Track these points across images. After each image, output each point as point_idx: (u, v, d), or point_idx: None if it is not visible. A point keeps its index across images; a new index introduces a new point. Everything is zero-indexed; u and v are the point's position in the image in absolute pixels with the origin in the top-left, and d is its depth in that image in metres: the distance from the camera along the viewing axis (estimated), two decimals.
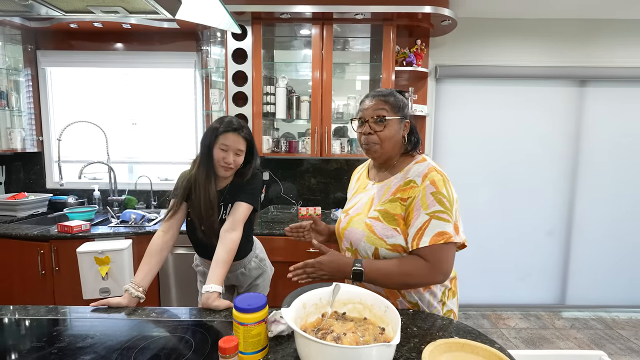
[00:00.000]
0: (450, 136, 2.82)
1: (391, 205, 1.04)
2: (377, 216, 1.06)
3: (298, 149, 2.45)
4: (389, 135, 1.06)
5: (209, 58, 2.49)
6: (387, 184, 1.10)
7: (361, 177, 1.25)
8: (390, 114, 1.06)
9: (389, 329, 0.85)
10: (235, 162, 1.33)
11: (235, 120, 1.34)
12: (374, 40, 2.53)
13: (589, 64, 2.69)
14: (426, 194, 0.99)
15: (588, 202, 2.88)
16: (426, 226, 0.98)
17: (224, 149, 1.31)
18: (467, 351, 0.86)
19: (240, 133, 1.32)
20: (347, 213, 1.17)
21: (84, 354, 0.86)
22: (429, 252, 0.97)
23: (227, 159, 1.31)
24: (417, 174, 1.03)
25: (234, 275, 1.51)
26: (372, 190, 1.13)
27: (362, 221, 1.09)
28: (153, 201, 2.69)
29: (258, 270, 1.57)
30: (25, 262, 2.08)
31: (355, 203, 1.17)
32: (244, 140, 1.34)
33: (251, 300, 0.85)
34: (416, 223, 0.99)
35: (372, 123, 1.06)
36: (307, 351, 0.75)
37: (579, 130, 2.81)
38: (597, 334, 2.60)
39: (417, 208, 0.99)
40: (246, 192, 1.38)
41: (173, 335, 0.96)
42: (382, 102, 1.06)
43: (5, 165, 2.72)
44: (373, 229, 1.05)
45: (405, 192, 1.03)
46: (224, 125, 1.31)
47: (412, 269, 0.99)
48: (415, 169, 1.05)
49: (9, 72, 2.55)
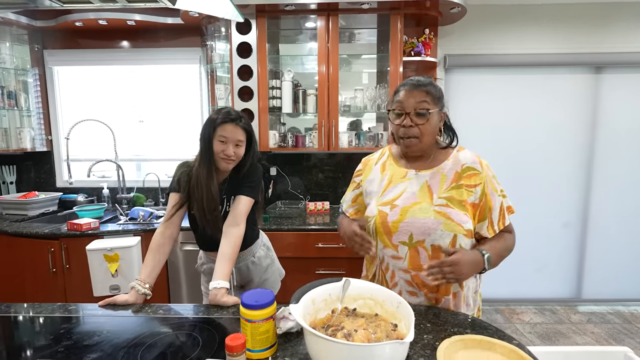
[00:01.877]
0: (460, 127, 2.67)
1: (457, 192, 1.02)
2: (446, 203, 1.02)
3: (305, 144, 2.42)
4: (430, 128, 1.03)
5: (213, 53, 2.47)
6: (438, 172, 1.06)
7: (387, 166, 1.15)
8: (432, 106, 1.02)
9: (402, 325, 0.82)
10: (237, 154, 1.29)
11: (233, 111, 1.31)
12: (381, 30, 2.47)
13: (605, 50, 2.59)
14: (490, 177, 1.05)
15: (604, 194, 2.78)
16: (503, 206, 1.06)
17: (223, 140, 1.26)
18: (484, 348, 0.82)
19: (239, 123, 1.28)
20: (392, 204, 1.06)
21: (90, 352, 0.85)
22: (509, 226, 1.09)
23: (227, 151, 1.27)
24: (471, 161, 1.06)
25: (245, 266, 1.48)
26: (421, 179, 1.07)
27: (429, 209, 1.01)
28: (161, 198, 2.70)
29: (267, 260, 1.55)
30: (37, 260, 2.10)
31: (400, 193, 1.07)
32: (243, 130, 1.30)
33: (259, 297, 0.83)
34: (496, 206, 1.04)
35: (413, 116, 1.01)
36: (317, 349, 0.72)
37: (595, 120, 2.72)
38: (615, 328, 2.52)
39: (492, 193, 1.04)
40: (246, 186, 1.35)
41: (180, 333, 0.94)
42: (424, 93, 1.01)
43: (16, 165, 2.75)
44: (449, 216, 1.00)
45: (469, 179, 1.03)
46: (221, 116, 1.27)
47: (510, 242, 1.08)
48: (464, 155, 1.08)
49: (17, 72, 2.56)
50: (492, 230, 1.05)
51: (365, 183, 1.18)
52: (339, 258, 2.12)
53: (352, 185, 1.25)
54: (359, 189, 1.21)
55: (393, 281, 1.08)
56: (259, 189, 1.41)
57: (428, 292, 1.05)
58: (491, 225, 1.05)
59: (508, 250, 1.07)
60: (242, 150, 1.32)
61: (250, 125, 1.34)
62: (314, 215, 2.44)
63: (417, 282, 1.05)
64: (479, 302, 1.15)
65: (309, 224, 2.19)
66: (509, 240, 1.08)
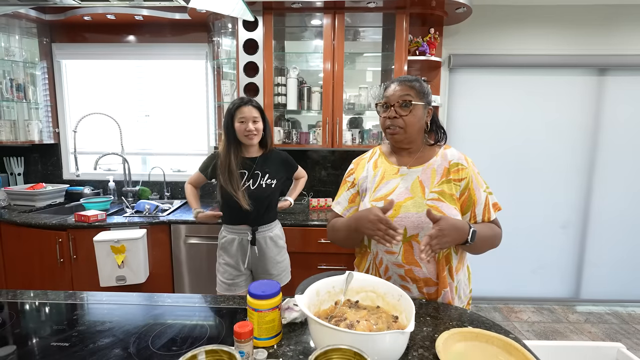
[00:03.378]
0: (463, 127, 2.77)
1: (447, 186, 1.07)
2: (438, 197, 1.06)
3: (309, 140, 2.45)
4: (414, 120, 1.09)
5: (220, 49, 2.49)
6: (429, 167, 1.10)
7: (379, 163, 1.18)
8: (416, 99, 1.08)
9: (403, 317, 0.85)
10: (257, 128, 1.61)
11: (244, 97, 1.66)
12: (386, 29, 2.49)
13: (609, 52, 2.60)
14: (475, 174, 1.10)
15: (605, 195, 2.80)
16: (488, 201, 1.11)
17: (243, 120, 1.58)
18: (481, 340, 0.85)
19: (251, 104, 1.61)
20: (386, 200, 1.08)
21: (103, 337, 0.88)
22: (496, 221, 1.13)
23: (248, 127, 1.58)
24: (457, 157, 1.11)
25: (263, 239, 1.71)
26: (413, 174, 1.10)
27: (422, 204, 1.05)
28: (166, 192, 2.73)
29: (281, 242, 1.79)
30: (45, 250, 2.14)
31: (392, 189, 1.10)
32: (256, 109, 1.62)
33: (265, 287, 0.86)
34: (480, 200, 1.09)
35: (397, 107, 1.08)
36: (321, 337, 0.75)
37: (597, 121, 2.73)
38: (613, 328, 2.55)
39: (477, 188, 1.09)
40: (293, 165, 1.85)
41: (189, 321, 0.98)
42: (408, 87, 1.08)
43: (24, 157, 2.79)
44: (440, 210, 1.04)
45: (457, 173, 1.08)
46: (236, 102, 1.61)
47: (497, 232, 1.12)
48: (451, 152, 1.13)
49: (25, 65, 2.59)
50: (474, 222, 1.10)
51: (359, 180, 1.19)
52: (340, 253, 2.15)
53: (344, 185, 1.24)
54: (354, 188, 1.20)
55: (386, 275, 1.12)
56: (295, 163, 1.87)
57: (423, 287, 1.08)
58: (473, 218, 1.10)
59: (494, 238, 1.10)
60: (260, 124, 1.63)
61: (260, 106, 1.65)
62: (317, 211, 2.47)
63: (411, 276, 1.08)
64: (469, 295, 1.20)
65: (312, 219, 2.22)
66: (496, 230, 1.12)
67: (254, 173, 1.66)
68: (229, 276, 1.70)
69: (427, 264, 1.06)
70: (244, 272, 1.72)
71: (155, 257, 2.19)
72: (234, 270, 1.70)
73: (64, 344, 0.85)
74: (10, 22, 2.48)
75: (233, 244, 1.69)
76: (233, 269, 1.70)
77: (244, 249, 1.69)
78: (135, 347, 0.84)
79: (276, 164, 1.74)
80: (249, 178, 1.66)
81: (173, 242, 2.20)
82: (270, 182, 1.69)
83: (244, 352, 0.74)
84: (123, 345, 0.85)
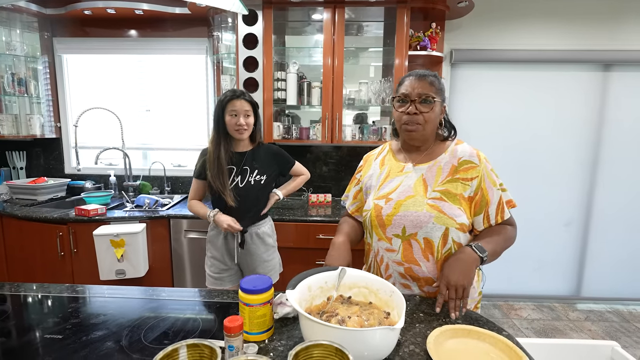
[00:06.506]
0: (465, 123, 2.74)
1: (452, 185, 1.04)
2: (440, 196, 1.04)
3: (309, 136, 2.44)
4: (434, 117, 1.06)
5: (220, 44, 2.48)
6: (435, 165, 1.08)
7: (386, 161, 1.18)
8: (437, 96, 1.05)
9: (394, 313, 0.84)
10: (247, 123, 1.54)
11: (237, 89, 1.57)
12: (387, 24, 2.46)
13: (614, 47, 2.56)
14: (488, 171, 1.06)
15: (608, 193, 2.78)
16: (502, 200, 1.06)
17: (234, 114, 1.52)
18: (473, 337, 0.85)
19: (244, 97, 1.54)
20: (387, 198, 1.09)
21: (96, 330, 0.89)
22: (511, 219, 1.10)
23: (239, 122, 1.52)
24: (469, 154, 1.06)
25: (250, 235, 1.68)
26: (417, 172, 1.09)
27: (422, 203, 1.04)
28: (167, 187, 2.74)
29: (270, 240, 1.74)
30: (45, 243, 2.16)
31: (395, 187, 1.10)
32: (248, 103, 1.55)
33: (257, 282, 0.86)
34: (494, 200, 1.05)
35: (418, 103, 1.04)
36: (312, 333, 0.75)
37: (602, 117, 2.70)
38: (613, 326, 2.54)
39: (490, 187, 1.05)
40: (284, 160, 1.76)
41: (182, 315, 0.98)
42: (429, 83, 1.04)
43: (26, 151, 2.81)
44: (441, 209, 1.02)
45: (466, 172, 1.05)
46: (228, 94, 1.54)
47: (510, 234, 1.08)
48: (462, 149, 1.08)
49: (27, 59, 2.60)
50: (488, 224, 1.07)
51: (365, 178, 1.21)
52: None
53: (353, 181, 1.29)
54: (359, 185, 1.24)
55: (387, 273, 1.11)
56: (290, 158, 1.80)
57: (423, 285, 1.08)
58: (487, 219, 1.06)
59: (508, 240, 1.07)
60: (252, 119, 1.57)
61: (253, 98, 1.59)
62: (316, 207, 2.47)
63: (411, 275, 1.07)
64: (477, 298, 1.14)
65: (311, 215, 2.22)
66: (510, 232, 1.08)
67: (242, 169, 1.62)
68: (216, 269, 1.71)
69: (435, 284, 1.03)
70: (231, 267, 1.72)
71: (155, 252, 2.20)
72: (220, 264, 1.70)
73: (57, 336, 0.86)
74: (11, 16, 2.48)
75: (219, 238, 1.68)
76: (219, 262, 1.70)
77: (229, 244, 1.69)
78: (128, 340, 0.85)
79: (266, 158, 1.68)
80: (238, 174, 1.61)
81: (173, 237, 2.21)
82: (260, 178, 1.65)
83: (234, 347, 0.74)
84: (116, 338, 0.86)
